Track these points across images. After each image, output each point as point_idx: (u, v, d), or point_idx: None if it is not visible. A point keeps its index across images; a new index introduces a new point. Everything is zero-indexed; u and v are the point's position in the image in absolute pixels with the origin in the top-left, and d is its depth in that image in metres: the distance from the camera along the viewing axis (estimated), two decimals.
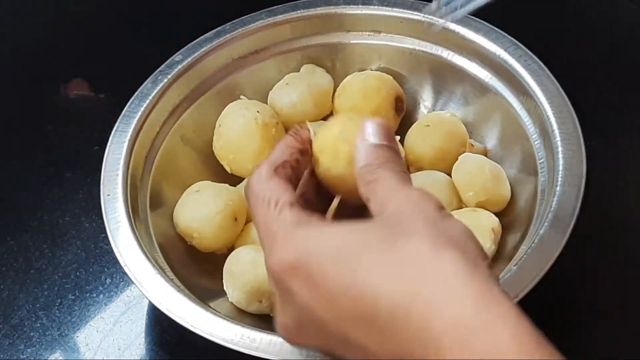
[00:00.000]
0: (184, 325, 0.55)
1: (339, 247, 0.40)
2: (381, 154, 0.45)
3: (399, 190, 0.44)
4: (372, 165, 0.45)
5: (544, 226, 0.58)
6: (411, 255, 0.39)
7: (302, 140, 0.50)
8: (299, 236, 0.42)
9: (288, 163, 0.48)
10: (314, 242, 0.41)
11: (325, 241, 0.41)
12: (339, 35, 0.76)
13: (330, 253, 0.40)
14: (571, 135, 0.63)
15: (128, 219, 0.61)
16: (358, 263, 0.39)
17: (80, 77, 0.89)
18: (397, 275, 0.38)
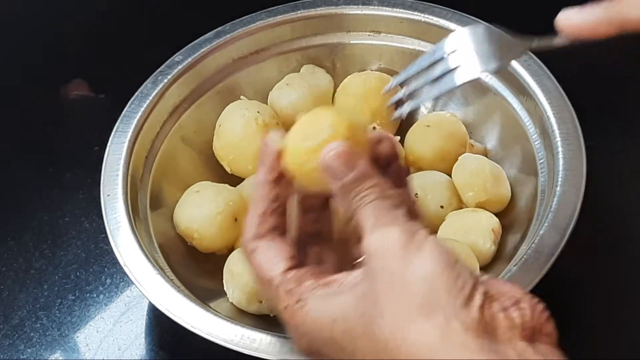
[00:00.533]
0: (184, 326, 0.55)
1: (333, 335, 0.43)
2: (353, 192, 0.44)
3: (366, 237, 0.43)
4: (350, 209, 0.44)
5: (544, 226, 0.58)
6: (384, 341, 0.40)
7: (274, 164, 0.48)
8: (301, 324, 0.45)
9: (267, 211, 0.47)
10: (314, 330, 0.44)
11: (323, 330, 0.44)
12: (339, 35, 0.76)
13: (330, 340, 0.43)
14: (571, 135, 0.63)
15: (128, 219, 0.61)
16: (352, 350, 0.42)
17: (80, 77, 0.89)
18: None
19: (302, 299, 0.45)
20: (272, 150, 0.48)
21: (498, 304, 0.40)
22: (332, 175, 0.45)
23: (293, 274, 0.46)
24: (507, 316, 0.40)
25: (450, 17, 0.72)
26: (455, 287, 0.40)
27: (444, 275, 0.40)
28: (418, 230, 0.42)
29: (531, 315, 0.40)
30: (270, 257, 0.47)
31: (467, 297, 0.40)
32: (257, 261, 0.47)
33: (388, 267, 0.41)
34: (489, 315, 0.39)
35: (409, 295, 0.40)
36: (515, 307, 0.40)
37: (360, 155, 0.45)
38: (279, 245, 0.47)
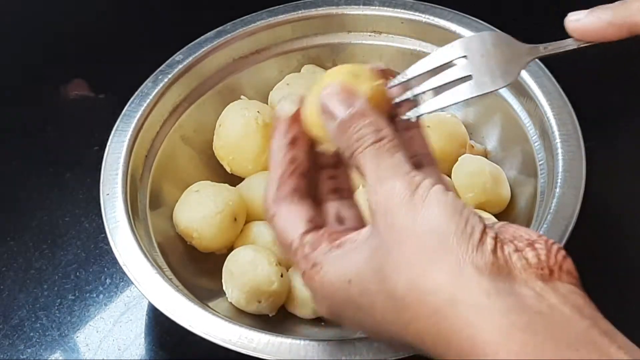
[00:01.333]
0: (183, 326, 0.55)
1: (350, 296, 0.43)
2: (350, 130, 0.44)
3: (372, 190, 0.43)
4: (349, 149, 0.44)
5: (543, 228, 0.58)
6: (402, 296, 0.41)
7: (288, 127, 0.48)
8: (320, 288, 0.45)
9: (285, 174, 0.48)
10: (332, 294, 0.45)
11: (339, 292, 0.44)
12: (339, 35, 0.76)
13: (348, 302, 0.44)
14: (571, 136, 0.63)
15: (127, 219, 0.61)
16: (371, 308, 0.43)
17: (80, 77, 0.89)
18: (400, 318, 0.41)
19: (317, 262, 0.45)
20: (284, 116, 0.48)
21: (511, 245, 0.40)
22: (329, 114, 0.45)
23: (309, 238, 0.46)
24: (522, 257, 0.40)
25: (451, 18, 0.72)
26: (465, 233, 0.40)
27: (451, 222, 0.40)
28: (421, 181, 0.42)
29: (547, 255, 0.40)
30: (289, 220, 0.47)
31: (477, 241, 0.40)
32: (277, 225, 0.47)
33: (396, 222, 0.41)
34: (502, 257, 0.39)
35: (420, 247, 0.40)
36: (529, 247, 0.40)
37: (358, 95, 0.45)
38: (298, 207, 0.47)
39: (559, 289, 0.39)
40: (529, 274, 0.39)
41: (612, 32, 0.47)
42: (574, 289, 0.40)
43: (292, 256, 0.47)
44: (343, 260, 0.44)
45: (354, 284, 0.43)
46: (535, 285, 0.39)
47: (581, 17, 0.48)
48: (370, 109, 0.45)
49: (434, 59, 0.47)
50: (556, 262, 0.40)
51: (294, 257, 0.46)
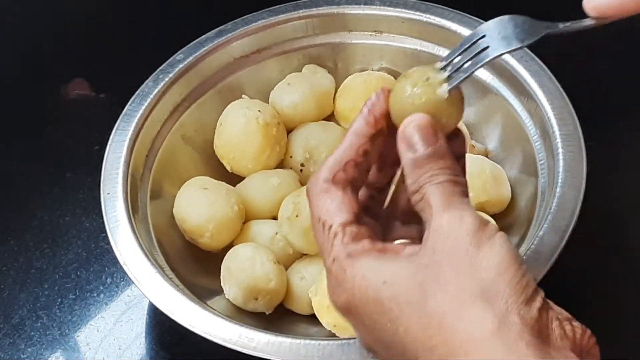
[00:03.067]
0: (183, 325, 0.55)
1: (379, 296, 0.42)
2: (426, 167, 0.44)
3: (437, 215, 0.43)
4: (418, 183, 0.44)
5: (544, 228, 0.58)
6: (438, 317, 0.40)
7: (375, 121, 0.47)
8: (347, 280, 0.44)
9: (352, 162, 0.47)
10: (358, 288, 0.43)
11: (369, 289, 0.43)
12: (340, 35, 0.76)
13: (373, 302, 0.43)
14: (572, 136, 0.63)
15: (128, 218, 0.61)
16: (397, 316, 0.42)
17: (80, 77, 0.89)
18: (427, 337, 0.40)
19: (355, 255, 0.44)
20: (380, 105, 0.47)
21: (555, 313, 0.40)
22: (409, 145, 0.45)
23: (353, 228, 0.45)
24: (562, 326, 0.40)
25: (452, 18, 0.71)
26: (520, 284, 0.40)
27: (511, 269, 0.40)
28: (489, 222, 0.42)
29: (582, 335, 0.41)
30: (337, 203, 0.46)
31: (529, 296, 0.40)
32: (323, 202, 0.46)
33: (458, 248, 0.41)
34: (546, 319, 0.40)
35: (475, 279, 0.40)
36: (568, 322, 0.41)
37: (440, 134, 0.45)
38: (349, 197, 0.46)
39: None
40: (564, 344, 0.40)
41: (631, 6, 0.46)
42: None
43: (326, 238, 0.45)
44: (383, 263, 0.43)
45: (388, 286, 0.42)
46: (568, 355, 0.39)
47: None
48: (448, 152, 0.45)
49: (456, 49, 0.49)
50: (588, 344, 0.41)
51: (330, 240, 0.45)
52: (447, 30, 0.71)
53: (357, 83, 0.73)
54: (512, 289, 0.40)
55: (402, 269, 0.42)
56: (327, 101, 0.74)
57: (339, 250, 0.44)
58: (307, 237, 0.63)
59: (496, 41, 0.48)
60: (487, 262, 0.40)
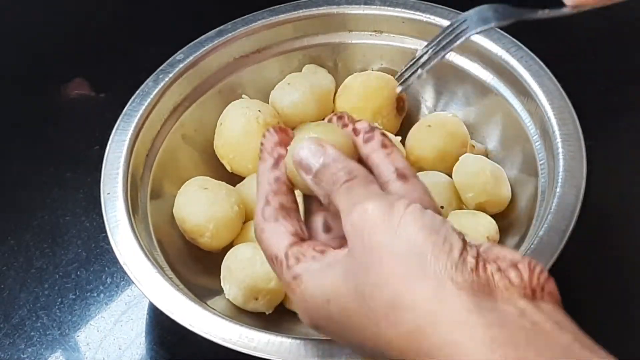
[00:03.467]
0: (183, 325, 0.55)
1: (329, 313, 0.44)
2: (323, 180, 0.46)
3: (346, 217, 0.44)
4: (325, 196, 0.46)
5: (544, 227, 0.58)
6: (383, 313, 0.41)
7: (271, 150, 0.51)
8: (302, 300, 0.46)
9: (270, 193, 0.49)
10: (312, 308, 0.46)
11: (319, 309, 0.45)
12: (340, 35, 0.76)
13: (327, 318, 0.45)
14: (572, 136, 0.63)
15: (128, 218, 0.61)
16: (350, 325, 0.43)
17: (80, 77, 0.89)
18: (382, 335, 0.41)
19: (298, 275, 0.46)
20: (273, 138, 0.51)
21: (494, 265, 0.40)
22: (305, 168, 0.47)
23: (294, 250, 0.47)
24: (504, 276, 0.40)
25: (452, 18, 0.71)
26: (443, 251, 0.40)
27: (428, 240, 0.40)
28: (395, 201, 0.43)
29: (529, 276, 0.40)
30: (275, 235, 0.48)
31: (457, 258, 0.40)
32: (264, 241, 0.48)
33: (373, 243, 0.42)
34: (484, 276, 0.40)
35: (398, 265, 0.40)
36: (512, 268, 0.40)
37: (327, 145, 0.47)
38: (283, 223, 0.48)
39: (541, 307, 0.39)
40: (511, 293, 0.39)
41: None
42: (555, 308, 0.40)
43: (277, 269, 0.48)
44: (322, 277, 0.45)
45: (332, 304, 0.44)
46: (518, 303, 0.39)
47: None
48: (340, 155, 0.47)
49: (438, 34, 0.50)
50: (539, 283, 0.40)
51: (279, 269, 0.47)
52: None
53: (357, 83, 0.73)
54: (436, 259, 0.40)
55: (338, 280, 0.44)
56: (327, 101, 0.74)
57: (286, 276, 0.46)
58: None
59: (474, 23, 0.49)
60: (404, 244, 0.41)
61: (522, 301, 0.39)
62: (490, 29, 0.50)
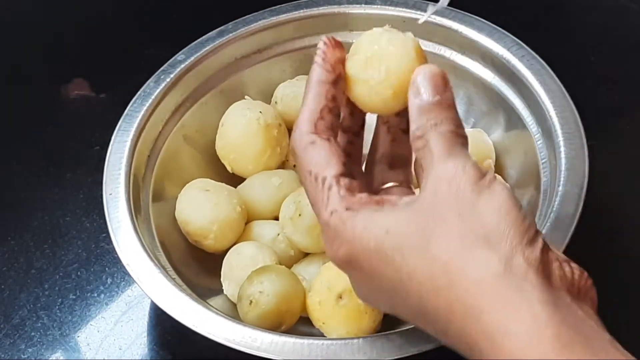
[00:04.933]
0: (186, 325, 0.55)
1: (382, 246, 0.43)
2: (431, 114, 0.45)
3: (439, 162, 0.43)
4: (422, 129, 0.45)
5: (546, 226, 0.58)
6: (442, 261, 0.41)
7: (332, 68, 0.48)
8: (347, 232, 0.44)
9: (326, 108, 0.47)
10: (360, 240, 0.44)
11: (371, 240, 0.43)
12: (341, 34, 0.75)
13: (375, 252, 0.43)
14: (574, 135, 0.63)
15: (130, 218, 0.61)
16: (400, 264, 0.42)
17: (80, 77, 0.89)
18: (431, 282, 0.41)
19: (354, 208, 0.44)
20: (335, 53, 0.48)
21: (554, 254, 0.41)
22: (418, 91, 0.45)
23: (347, 182, 0.45)
24: (561, 267, 0.41)
25: (452, 17, 0.71)
26: (523, 226, 0.41)
27: (512, 213, 0.41)
28: (487, 170, 0.43)
29: (580, 276, 0.41)
30: (326, 155, 0.46)
31: (532, 237, 0.41)
32: (312, 155, 0.46)
33: (460, 194, 0.42)
34: (547, 260, 0.40)
35: (479, 223, 0.41)
36: (567, 263, 0.42)
37: (449, 85, 0.46)
38: (335, 147, 0.46)
39: (583, 307, 0.41)
40: (562, 285, 0.40)
41: None
42: (594, 313, 0.41)
43: (320, 191, 0.45)
44: (383, 214, 0.44)
45: (390, 236, 0.43)
46: (566, 296, 0.40)
47: None
48: (454, 104, 0.46)
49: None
50: (585, 285, 0.42)
51: (325, 193, 0.45)
52: (449, 30, 0.71)
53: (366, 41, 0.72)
54: (516, 231, 0.40)
55: (403, 216, 0.43)
56: None
57: (336, 203, 0.45)
58: (311, 236, 0.63)
59: None
60: (490, 207, 0.41)
61: (568, 296, 0.40)
62: None
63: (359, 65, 0.48)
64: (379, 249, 0.43)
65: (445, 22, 0.71)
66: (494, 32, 0.70)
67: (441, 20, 0.72)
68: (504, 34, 0.70)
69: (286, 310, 0.60)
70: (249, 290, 0.60)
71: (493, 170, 0.67)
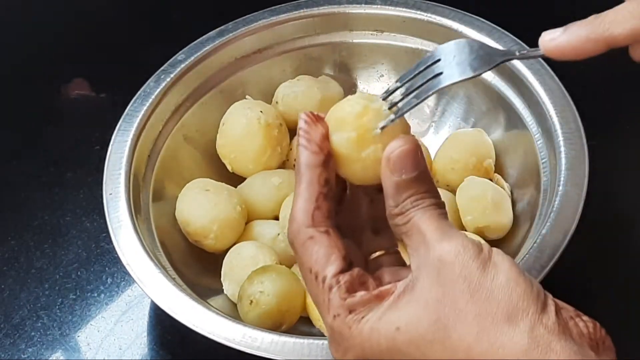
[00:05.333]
0: (186, 325, 0.55)
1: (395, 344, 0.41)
2: (411, 191, 0.43)
3: (435, 243, 0.42)
4: (402, 207, 0.43)
5: (547, 226, 0.58)
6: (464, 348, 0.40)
7: (320, 148, 0.45)
8: (353, 336, 0.43)
9: (321, 196, 0.44)
10: (369, 342, 0.42)
11: (381, 340, 0.42)
12: (341, 34, 0.76)
13: (388, 351, 0.42)
14: (574, 134, 0.63)
15: (130, 218, 0.61)
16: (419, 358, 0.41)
17: (80, 77, 0.89)
18: None
19: (357, 310, 0.43)
20: (319, 130, 0.45)
21: (567, 311, 0.41)
22: (394, 169, 0.43)
23: (347, 279, 0.43)
24: (576, 324, 0.40)
25: (453, 17, 0.72)
26: (533, 293, 0.40)
27: (520, 283, 0.40)
28: (481, 242, 0.42)
29: (594, 328, 0.41)
30: (326, 251, 0.44)
31: (543, 302, 0.40)
32: (311, 251, 0.44)
33: (467, 275, 0.41)
34: (563, 320, 0.40)
35: (492, 301, 0.40)
36: (579, 317, 0.41)
37: (422, 157, 0.44)
38: (334, 239, 0.44)
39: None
40: (582, 341, 0.40)
41: (590, 48, 0.45)
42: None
43: (321, 293, 0.44)
44: (388, 311, 0.42)
45: (402, 332, 0.41)
46: (590, 354, 0.40)
47: (556, 35, 0.46)
48: (430, 175, 0.44)
49: (411, 70, 0.48)
50: (601, 337, 0.41)
51: (326, 294, 0.43)
52: (448, 29, 0.71)
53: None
54: (529, 302, 0.40)
55: (411, 310, 0.41)
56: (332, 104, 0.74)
57: (338, 306, 0.43)
58: None
59: (449, 68, 0.47)
60: (498, 283, 0.40)
61: (590, 352, 0.40)
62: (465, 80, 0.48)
63: (350, 145, 0.45)
64: (391, 347, 0.42)
65: (444, 21, 0.72)
66: (494, 31, 0.70)
67: (440, 20, 0.72)
68: (504, 33, 0.70)
69: (286, 310, 0.60)
70: (249, 290, 0.60)
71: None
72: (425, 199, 0.43)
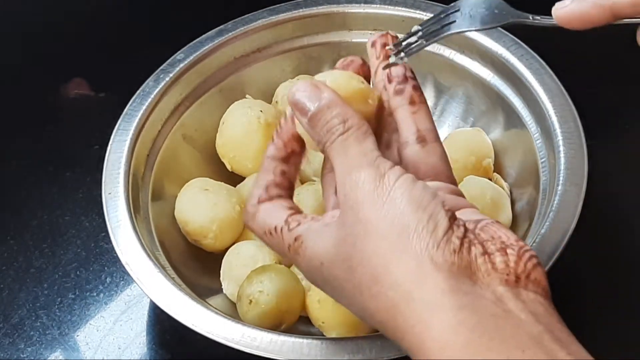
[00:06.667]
0: (185, 324, 0.55)
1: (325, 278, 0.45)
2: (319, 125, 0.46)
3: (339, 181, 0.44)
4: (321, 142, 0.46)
5: (546, 225, 0.58)
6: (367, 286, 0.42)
7: (284, 145, 0.50)
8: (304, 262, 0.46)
9: (272, 183, 0.49)
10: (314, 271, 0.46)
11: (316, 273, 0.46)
12: (341, 34, 0.76)
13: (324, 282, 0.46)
14: (573, 134, 0.63)
15: (129, 218, 0.61)
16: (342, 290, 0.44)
17: (80, 76, 0.89)
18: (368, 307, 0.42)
19: (299, 235, 0.46)
20: (288, 129, 0.50)
21: (479, 247, 0.40)
22: (300, 110, 0.46)
23: (295, 217, 0.47)
24: (487, 260, 0.40)
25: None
26: (426, 229, 0.40)
27: (413, 217, 0.40)
28: (388, 170, 0.43)
29: (516, 262, 0.40)
30: (272, 211, 0.48)
31: (440, 238, 0.40)
32: (259, 219, 0.48)
33: (361, 215, 0.42)
34: (467, 258, 0.40)
35: (382, 241, 0.41)
36: (500, 252, 0.40)
37: (325, 87, 0.46)
38: (280, 202, 0.49)
39: (522, 295, 0.39)
40: (492, 278, 0.39)
41: (596, 15, 0.47)
42: (538, 297, 0.40)
43: (275, 238, 0.47)
44: (318, 238, 0.45)
45: (325, 268, 0.44)
46: (496, 289, 0.39)
47: (567, 3, 0.49)
48: (337, 100, 0.46)
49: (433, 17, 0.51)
50: (525, 270, 0.40)
51: (279, 236, 0.47)
52: None
53: None
54: (418, 237, 0.40)
55: (330, 246, 0.44)
56: None
57: (288, 238, 0.46)
58: None
59: (462, 18, 0.50)
60: (389, 220, 0.41)
61: (501, 287, 0.39)
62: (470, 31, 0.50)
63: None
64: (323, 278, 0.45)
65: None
66: (493, 31, 0.70)
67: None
68: (503, 33, 0.70)
69: (286, 310, 0.60)
70: (248, 290, 0.60)
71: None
72: (331, 127, 0.45)
